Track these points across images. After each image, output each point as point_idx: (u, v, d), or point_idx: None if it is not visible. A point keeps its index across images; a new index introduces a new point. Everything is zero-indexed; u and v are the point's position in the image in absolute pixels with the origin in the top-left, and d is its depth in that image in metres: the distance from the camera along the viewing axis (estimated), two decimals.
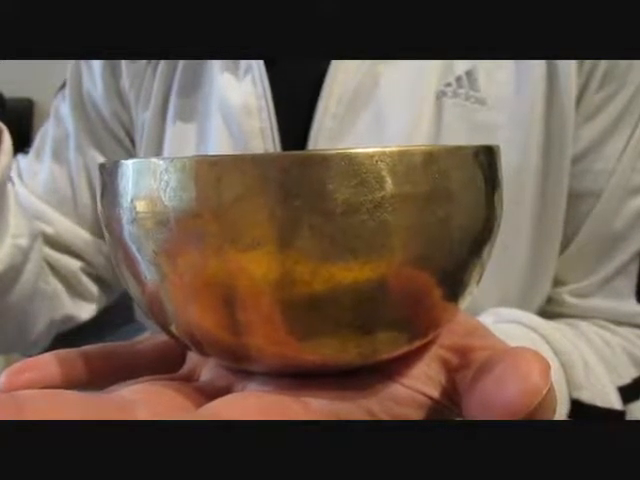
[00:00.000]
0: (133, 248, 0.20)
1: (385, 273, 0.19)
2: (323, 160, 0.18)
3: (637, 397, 0.44)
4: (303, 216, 0.18)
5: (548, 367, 0.19)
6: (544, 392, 0.18)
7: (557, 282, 0.53)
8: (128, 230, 0.20)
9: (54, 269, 0.60)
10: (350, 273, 0.19)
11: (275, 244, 0.18)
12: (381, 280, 0.19)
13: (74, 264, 0.61)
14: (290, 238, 0.18)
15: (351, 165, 0.18)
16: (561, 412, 0.41)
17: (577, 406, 0.42)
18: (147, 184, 0.19)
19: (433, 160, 0.19)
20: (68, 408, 0.16)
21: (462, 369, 0.22)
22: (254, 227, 0.18)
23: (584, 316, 0.51)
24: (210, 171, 0.18)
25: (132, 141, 0.61)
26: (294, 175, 0.18)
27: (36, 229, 0.57)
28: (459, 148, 0.20)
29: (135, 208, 0.20)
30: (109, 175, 0.21)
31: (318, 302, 0.19)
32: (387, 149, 0.18)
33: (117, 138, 0.61)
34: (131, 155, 0.62)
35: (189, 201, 0.19)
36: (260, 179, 0.18)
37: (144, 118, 0.57)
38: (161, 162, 0.19)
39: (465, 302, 0.23)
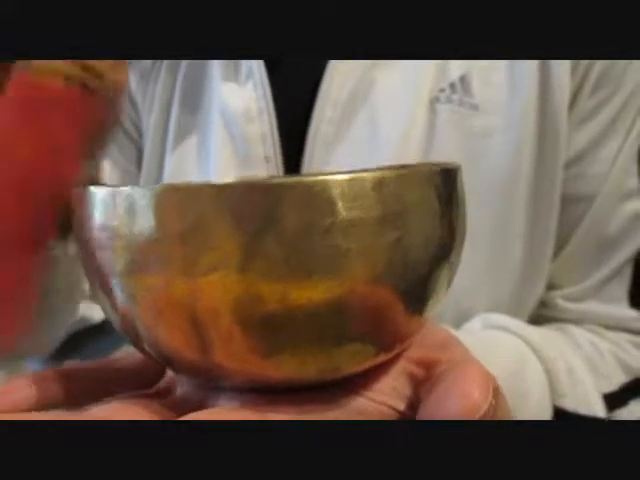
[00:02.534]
0: (102, 271, 0.21)
1: (340, 294, 0.20)
2: (275, 187, 0.19)
3: (622, 404, 0.44)
4: (257, 241, 0.19)
5: (490, 383, 0.19)
6: (484, 409, 0.19)
7: (550, 286, 0.53)
8: (96, 255, 0.21)
9: None
10: (305, 293, 0.19)
11: (232, 267, 0.19)
12: (337, 300, 0.20)
13: None
14: (246, 262, 0.19)
15: (302, 192, 0.19)
16: (544, 419, 0.42)
17: (560, 414, 0.42)
18: (111, 211, 0.20)
19: (384, 185, 0.19)
20: None
21: (426, 382, 0.23)
22: (212, 252, 0.19)
23: (577, 320, 0.51)
24: (170, 199, 0.19)
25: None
26: (248, 202, 0.19)
27: None
28: (411, 172, 0.21)
29: (101, 234, 0.21)
30: (78, 201, 0.22)
31: (276, 322, 0.20)
32: (338, 176, 0.19)
33: (132, 138, 0.61)
34: (142, 157, 0.62)
35: (150, 228, 0.20)
36: (216, 206, 0.19)
37: (149, 122, 0.58)
38: (124, 190, 0.20)
39: (431, 313, 0.23)
